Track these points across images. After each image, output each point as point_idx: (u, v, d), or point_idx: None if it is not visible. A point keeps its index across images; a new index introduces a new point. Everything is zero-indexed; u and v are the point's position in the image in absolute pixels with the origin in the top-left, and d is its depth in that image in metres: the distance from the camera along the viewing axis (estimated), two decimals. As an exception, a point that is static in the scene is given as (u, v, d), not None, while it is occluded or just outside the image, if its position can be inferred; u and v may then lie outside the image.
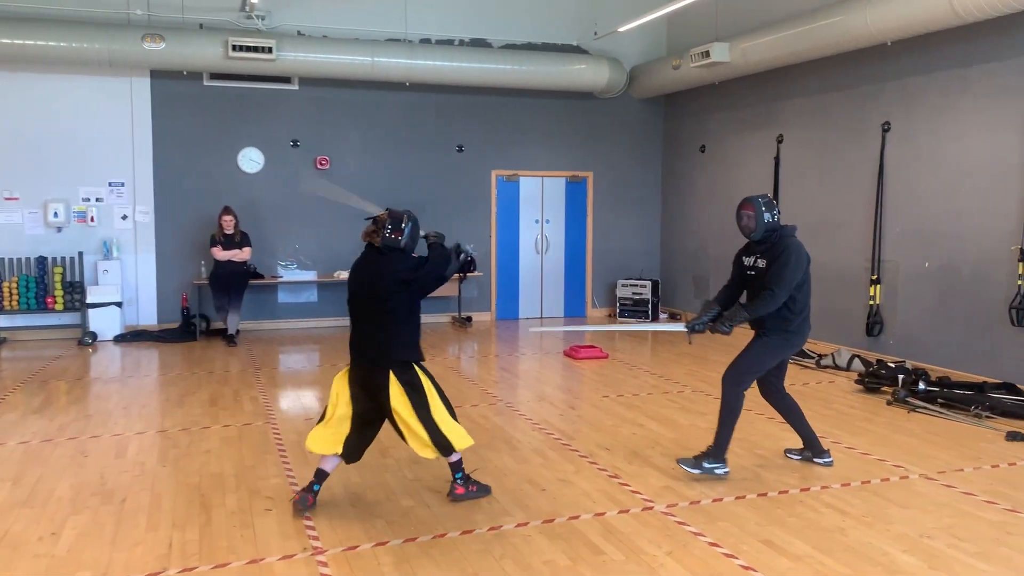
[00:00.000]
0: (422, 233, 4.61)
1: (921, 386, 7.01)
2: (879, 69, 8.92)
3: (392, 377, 4.34)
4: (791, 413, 5.33)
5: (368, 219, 4.54)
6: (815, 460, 5.36)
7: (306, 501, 4.45)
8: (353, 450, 4.50)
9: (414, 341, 4.50)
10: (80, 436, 5.99)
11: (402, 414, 4.36)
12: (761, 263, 5.02)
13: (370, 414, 4.49)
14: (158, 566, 3.81)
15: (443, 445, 4.40)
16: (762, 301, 4.91)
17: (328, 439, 4.47)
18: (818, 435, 5.95)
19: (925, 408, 6.73)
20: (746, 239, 5.15)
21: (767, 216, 4.96)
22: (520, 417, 6.65)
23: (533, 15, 12.00)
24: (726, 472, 5.03)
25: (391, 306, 4.42)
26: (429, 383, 4.45)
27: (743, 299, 5.20)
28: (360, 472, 5.17)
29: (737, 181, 11.26)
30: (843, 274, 9.40)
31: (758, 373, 5.12)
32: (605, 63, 11.78)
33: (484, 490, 4.72)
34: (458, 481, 4.63)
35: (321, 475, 4.53)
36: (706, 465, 5.00)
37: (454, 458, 4.56)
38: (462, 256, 4.71)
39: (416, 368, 4.44)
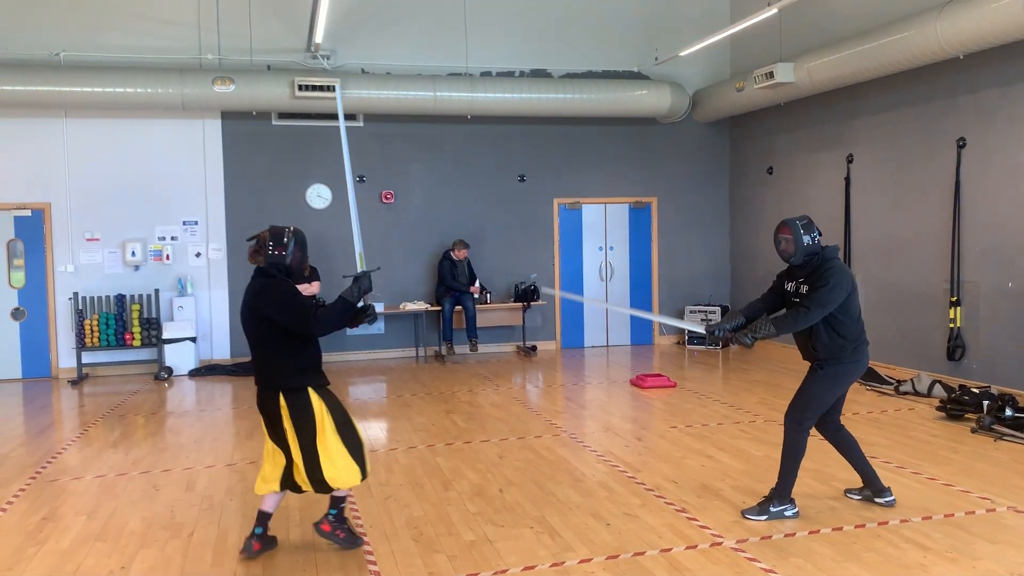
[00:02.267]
0: (354, 274, 4.34)
1: (1008, 412, 6.66)
2: (952, 83, 8.62)
3: (282, 402, 4.12)
4: (848, 448, 5.02)
5: (249, 240, 4.32)
6: (876, 500, 5.00)
7: (251, 547, 4.30)
8: (292, 481, 4.28)
9: (307, 365, 4.20)
10: (153, 469, 6.13)
11: (288, 441, 4.15)
12: (804, 288, 4.74)
13: (277, 441, 4.26)
14: (222, 601, 3.84)
15: (317, 479, 4.13)
16: (793, 318, 4.66)
17: (266, 477, 4.32)
18: (899, 465, 5.72)
19: (1013, 436, 6.38)
20: (785, 263, 4.88)
21: (806, 239, 4.71)
22: (585, 449, 6.54)
23: (593, 43, 12.01)
24: (795, 513, 4.78)
25: (265, 335, 4.14)
26: (324, 410, 4.16)
27: (773, 315, 4.93)
28: (422, 505, 5.15)
29: (806, 202, 10.99)
30: (921, 295, 9.05)
31: (820, 409, 4.82)
32: (667, 88, 11.70)
33: (353, 542, 4.39)
34: (330, 518, 4.38)
35: (262, 517, 4.36)
36: (773, 509, 4.77)
37: (337, 493, 4.32)
38: (367, 312, 4.36)
39: (312, 393, 4.16)
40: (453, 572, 4.12)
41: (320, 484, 4.17)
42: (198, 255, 10.98)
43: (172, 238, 10.90)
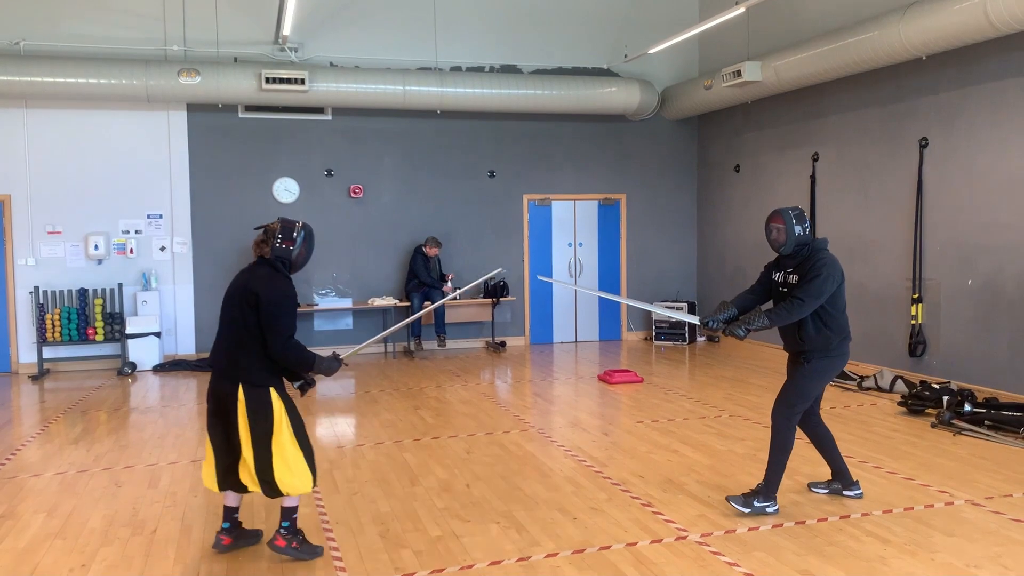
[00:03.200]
0: (337, 355, 4.29)
1: (967, 407, 6.79)
2: (915, 84, 8.76)
3: (241, 394, 4.02)
4: (824, 442, 5.04)
5: (257, 228, 4.29)
6: (844, 492, 5.07)
7: (220, 542, 4.27)
8: (223, 479, 4.20)
9: (277, 369, 4.12)
10: (115, 466, 6.04)
11: (241, 436, 4.04)
12: (793, 279, 4.78)
13: (218, 436, 4.15)
14: (184, 599, 3.80)
15: (267, 481, 4.02)
16: (787, 310, 4.65)
17: (207, 473, 4.25)
18: (861, 460, 5.80)
19: (971, 431, 6.51)
20: (776, 253, 4.91)
21: (797, 229, 4.74)
22: (552, 444, 6.56)
23: (563, 39, 12.03)
24: (776, 510, 4.78)
25: (249, 324, 4.03)
26: (283, 412, 4.06)
27: (765, 307, 4.90)
28: (388, 501, 5.13)
29: (773, 201, 11.10)
30: (883, 293, 9.19)
31: (807, 401, 4.82)
32: (636, 85, 11.75)
33: (312, 552, 4.20)
34: (282, 531, 4.17)
35: (227, 512, 4.31)
36: (756, 504, 4.75)
37: (287, 503, 4.16)
38: (301, 382, 4.26)
39: (273, 393, 4.07)
40: (419, 567, 4.12)
41: (269, 487, 4.05)
42: (163, 249, 10.84)
43: (136, 232, 10.74)
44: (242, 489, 4.22)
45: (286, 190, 11.23)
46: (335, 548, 4.37)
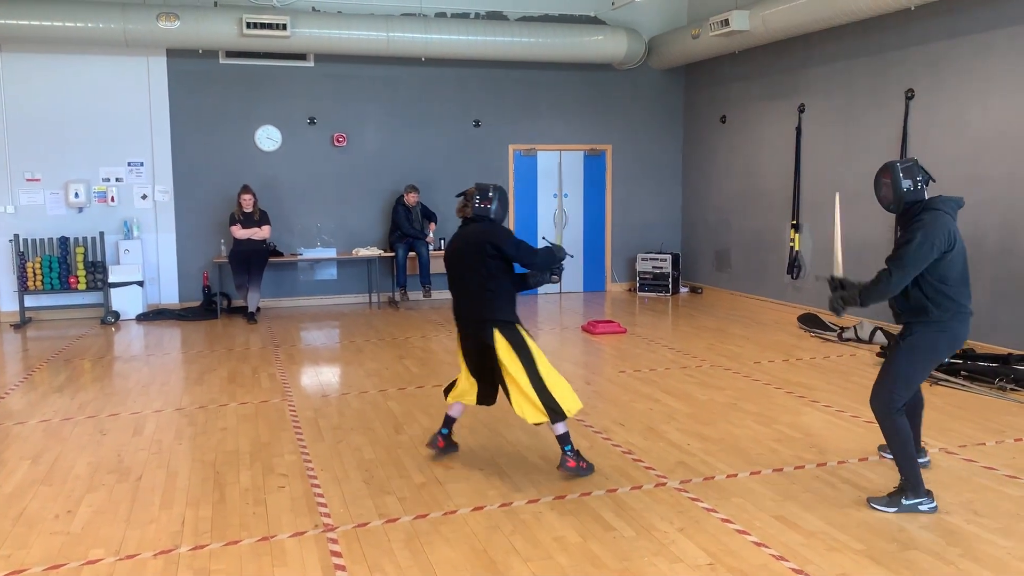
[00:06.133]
0: (550, 241, 4.94)
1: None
2: (902, 35, 8.70)
3: (497, 335, 4.53)
4: (912, 408, 4.41)
5: (458, 195, 4.85)
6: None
7: (435, 442, 4.95)
8: (484, 397, 4.86)
9: (512, 304, 4.69)
10: (99, 414, 6.06)
11: (510, 373, 4.50)
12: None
13: (484, 372, 4.77)
14: (170, 543, 3.85)
15: (552, 408, 4.47)
16: (876, 288, 4.11)
17: (462, 392, 4.87)
18: (839, 409, 5.89)
19: (947, 381, 6.62)
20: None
21: (905, 183, 4.07)
22: (536, 393, 6.61)
23: (550, -14, 11.84)
24: (935, 508, 4.13)
25: (489, 270, 4.59)
26: (534, 345, 4.59)
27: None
28: (373, 448, 5.19)
29: (758, 152, 11.10)
30: (867, 243, 9.24)
31: (907, 387, 4.15)
32: (623, 34, 11.61)
33: (591, 468, 4.68)
34: (568, 454, 4.61)
35: (448, 420, 4.97)
36: (905, 502, 4.12)
37: (559, 430, 4.57)
38: (554, 271, 4.87)
39: (520, 329, 4.61)
40: (403, 513, 4.18)
41: (555, 412, 4.47)
42: (144, 197, 10.72)
43: (117, 179, 10.61)
44: (489, 402, 4.88)
45: (268, 138, 11.10)
46: (320, 495, 4.43)
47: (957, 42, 8.09)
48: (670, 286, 12.07)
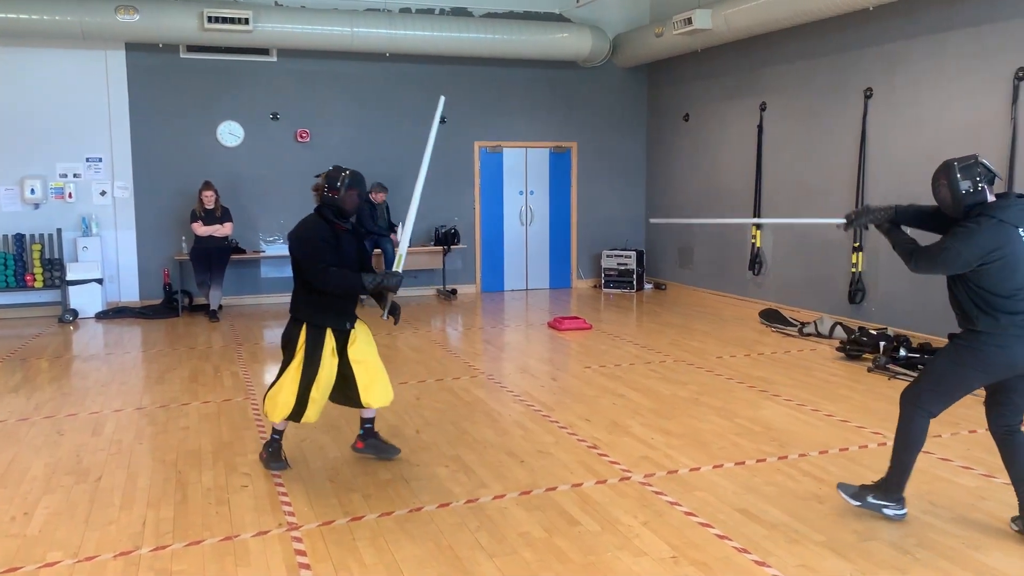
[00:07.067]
0: (386, 271, 4.48)
1: (902, 353, 7.04)
2: (861, 35, 8.84)
3: (291, 328, 4.57)
4: (1015, 462, 3.79)
5: (316, 176, 4.60)
6: None
7: (355, 445, 4.95)
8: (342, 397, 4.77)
9: (326, 306, 4.48)
10: (57, 414, 5.95)
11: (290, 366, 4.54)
12: None
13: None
14: (131, 545, 3.79)
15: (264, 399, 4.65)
16: (913, 247, 3.90)
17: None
18: (800, 403, 5.94)
19: (905, 375, 6.75)
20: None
21: (964, 185, 3.69)
22: (502, 389, 6.63)
23: (514, -17, 11.84)
24: (902, 515, 3.96)
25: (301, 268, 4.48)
26: (303, 353, 4.48)
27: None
28: (338, 446, 5.16)
29: (721, 150, 11.21)
30: (826, 241, 9.39)
31: (945, 394, 3.81)
32: (588, 31, 11.65)
33: (278, 462, 4.72)
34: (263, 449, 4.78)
35: (363, 421, 4.93)
36: (871, 500, 3.98)
37: (366, 414, 4.77)
38: (385, 304, 4.51)
39: (307, 330, 4.49)
40: (368, 510, 4.16)
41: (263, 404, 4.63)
42: (103, 193, 10.54)
43: (75, 175, 10.42)
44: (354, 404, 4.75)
45: (231, 134, 10.97)
46: (284, 493, 4.39)
47: (914, 42, 8.24)
48: (635, 282, 12.15)
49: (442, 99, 5.08)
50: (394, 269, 4.54)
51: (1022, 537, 3.80)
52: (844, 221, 4.26)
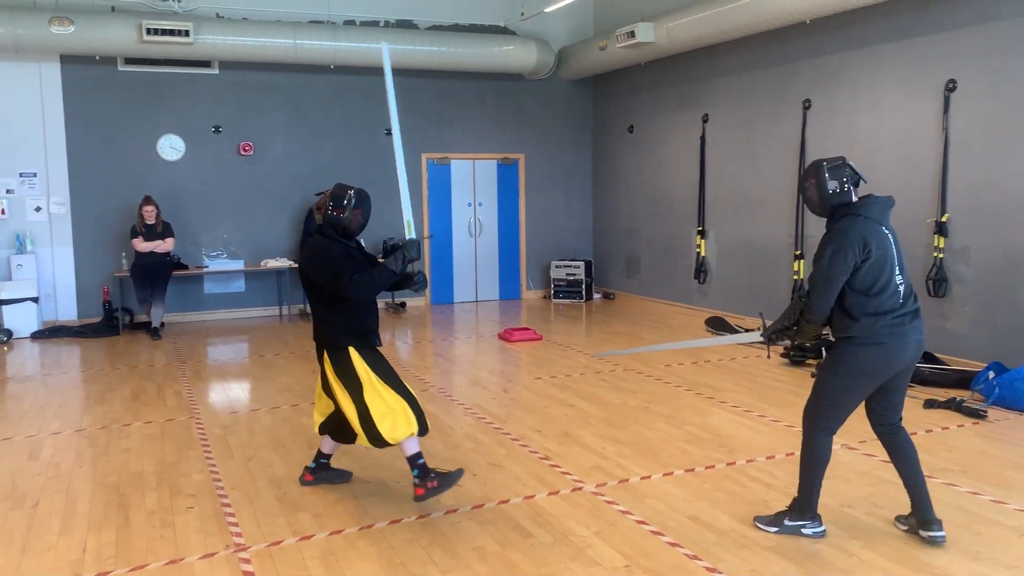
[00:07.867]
0: (399, 241, 4.40)
1: (844, 358, 7.17)
2: (799, 47, 9.06)
3: (327, 359, 4.30)
4: (901, 459, 3.88)
5: (318, 194, 4.45)
6: (920, 533, 3.87)
7: (303, 477, 4.72)
8: (329, 427, 4.58)
9: (353, 327, 4.26)
10: (-9, 439, 5.75)
11: (338, 398, 4.28)
12: None
13: (328, 393, 4.48)
14: (71, 572, 3.67)
15: (373, 435, 4.16)
16: (801, 315, 3.80)
17: (314, 418, 4.66)
18: (746, 409, 6.01)
19: (848, 379, 6.88)
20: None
21: (830, 186, 3.70)
22: (453, 403, 6.60)
23: (459, -4, 11.87)
24: (821, 532, 3.92)
25: (322, 291, 4.29)
26: (366, 368, 4.19)
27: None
28: (286, 465, 5.07)
29: (665, 161, 11.36)
30: (768, 250, 9.57)
31: (839, 408, 3.78)
32: (533, 44, 11.73)
33: (452, 478, 4.25)
34: (416, 481, 4.21)
35: (318, 454, 4.72)
36: (788, 523, 3.94)
37: (409, 451, 4.22)
38: (415, 281, 4.36)
39: (352, 353, 4.21)
40: (318, 529, 4.10)
41: (376, 440, 4.18)
42: (38, 209, 10.24)
43: (8, 191, 10.10)
44: (349, 441, 4.49)
45: (171, 147, 10.76)
46: (231, 514, 4.30)
47: (848, 55, 8.47)
48: (584, 292, 12.22)
49: (385, 46, 4.84)
50: (407, 237, 4.35)
51: (965, 536, 3.90)
52: (762, 339, 4.15)
